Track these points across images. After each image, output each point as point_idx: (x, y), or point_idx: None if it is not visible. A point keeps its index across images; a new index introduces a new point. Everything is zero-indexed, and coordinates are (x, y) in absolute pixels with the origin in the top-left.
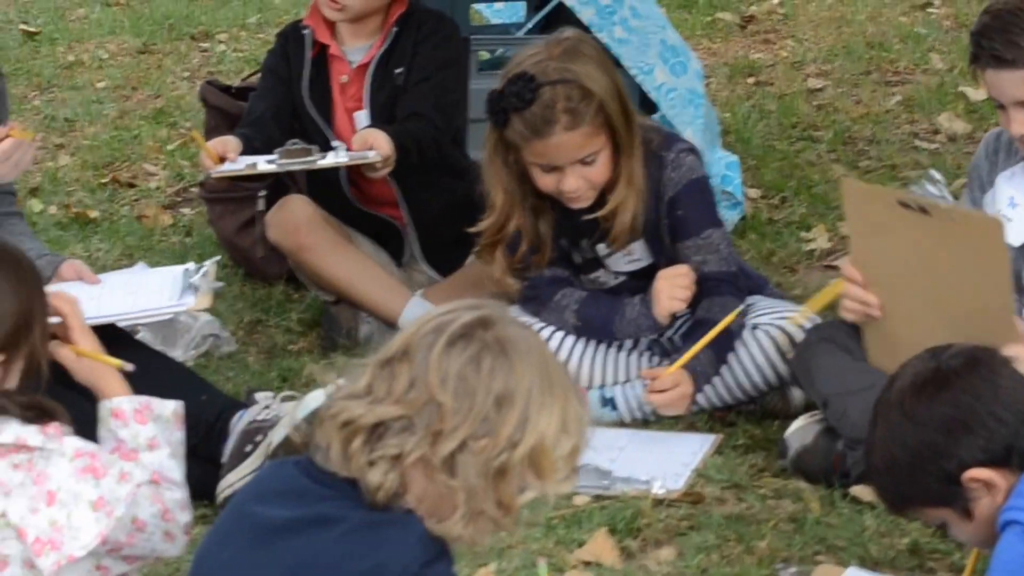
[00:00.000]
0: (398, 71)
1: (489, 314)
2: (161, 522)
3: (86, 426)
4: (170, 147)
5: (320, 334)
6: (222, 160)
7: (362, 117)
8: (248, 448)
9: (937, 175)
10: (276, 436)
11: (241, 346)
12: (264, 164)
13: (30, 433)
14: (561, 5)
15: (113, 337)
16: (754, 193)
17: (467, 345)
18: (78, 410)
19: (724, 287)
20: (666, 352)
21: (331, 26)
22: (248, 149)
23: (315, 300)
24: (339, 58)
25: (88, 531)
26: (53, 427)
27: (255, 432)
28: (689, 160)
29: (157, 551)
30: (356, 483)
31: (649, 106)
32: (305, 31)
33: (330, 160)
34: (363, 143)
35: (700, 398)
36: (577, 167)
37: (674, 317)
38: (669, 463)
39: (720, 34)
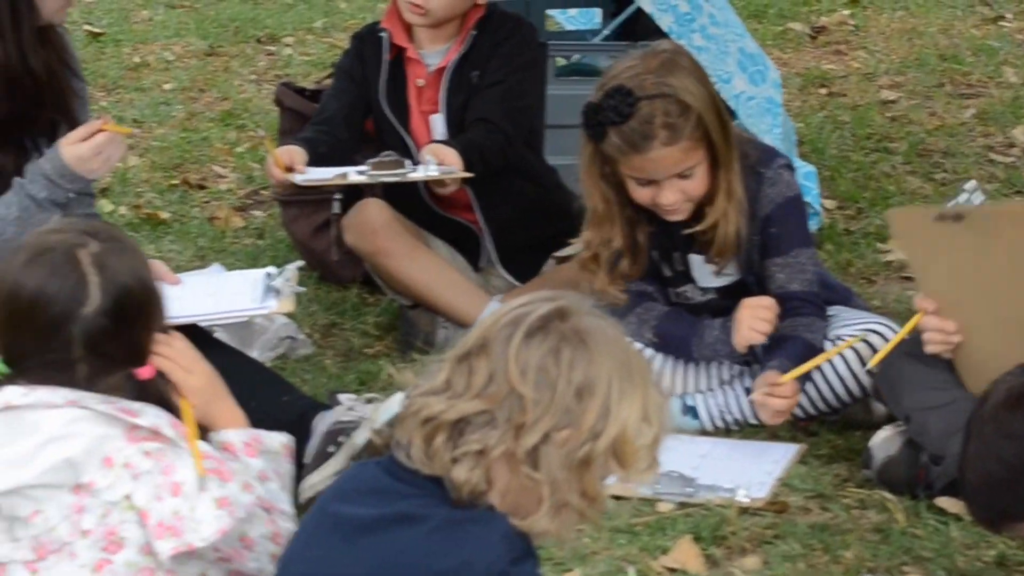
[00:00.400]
0: (474, 74)
1: (566, 305)
2: (271, 544)
3: None
4: (239, 149)
5: (397, 337)
6: (289, 169)
7: (438, 121)
8: (331, 449)
9: (972, 184)
10: (359, 437)
11: (317, 349)
12: (355, 175)
13: (165, 424)
14: (637, 12)
15: (193, 337)
16: (830, 204)
17: (546, 336)
18: None
19: (807, 308)
20: (747, 362)
21: (408, 29)
22: (313, 156)
23: (391, 303)
24: (416, 61)
25: (209, 525)
26: (184, 431)
27: (338, 433)
28: (787, 177)
29: (264, 572)
30: (439, 481)
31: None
32: (382, 34)
33: (420, 173)
34: (434, 158)
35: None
36: (674, 180)
37: (751, 347)
38: (753, 472)
39: (791, 44)
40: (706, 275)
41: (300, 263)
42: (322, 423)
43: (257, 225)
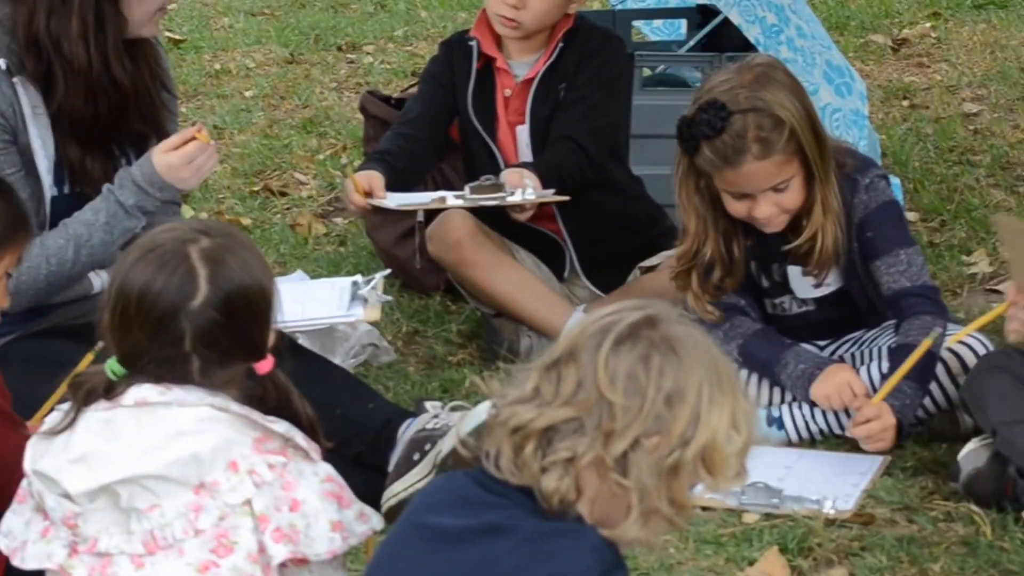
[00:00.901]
0: (561, 86)
1: (655, 313)
2: None
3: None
4: (320, 156)
5: (480, 345)
6: (367, 194)
7: (524, 132)
8: (416, 457)
9: None
10: (445, 445)
11: (400, 356)
12: (453, 199)
13: (299, 435)
14: (722, 23)
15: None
16: (913, 216)
17: (635, 344)
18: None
19: (921, 304)
20: None
21: (497, 39)
22: (391, 175)
23: (474, 311)
24: (505, 71)
25: (322, 544)
26: (315, 446)
27: (423, 441)
28: (882, 185)
29: None
30: (528, 491)
31: None
32: (471, 43)
33: (518, 198)
34: (514, 183)
35: None
36: (769, 194)
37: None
38: (839, 483)
39: (873, 56)
40: (805, 286)
41: (386, 272)
42: (407, 431)
43: (339, 232)
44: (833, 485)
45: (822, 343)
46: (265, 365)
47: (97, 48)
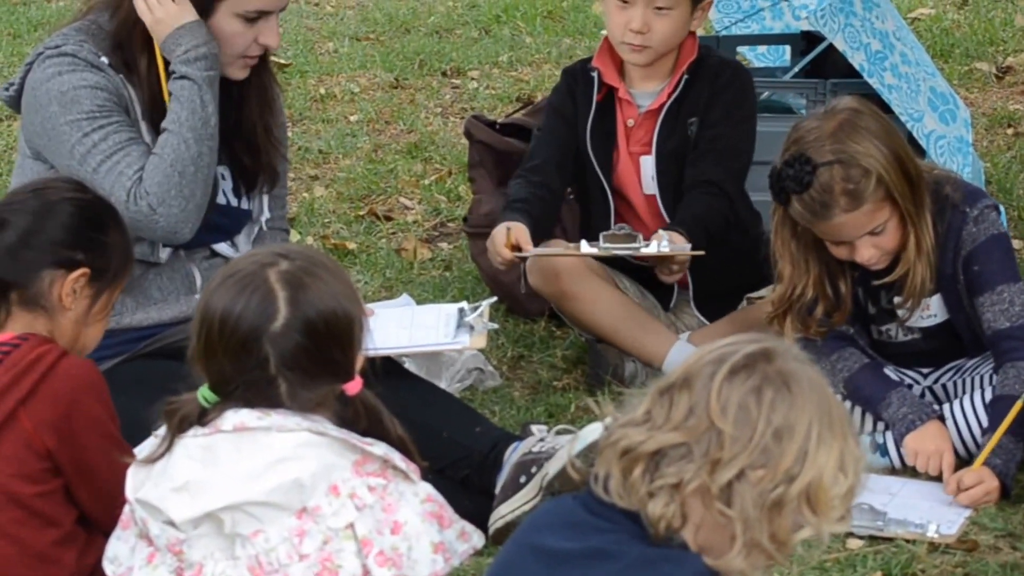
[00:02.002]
0: (691, 120)
1: (772, 347)
2: None
3: None
4: (426, 181)
5: (585, 371)
6: (516, 248)
7: (648, 162)
8: (522, 479)
9: None
10: (552, 468)
11: (505, 381)
12: (587, 247)
13: (397, 456)
14: (827, 50)
15: (386, 367)
16: (1018, 244)
17: (749, 376)
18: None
19: (1020, 350)
20: (938, 399)
21: (620, 68)
22: (533, 227)
23: (579, 336)
24: (627, 101)
25: (425, 567)
26: (414, 466)
27: (530, 464)
28: (992, 216)
29: None
30: (635, 515)
31: (918, 151)
32: (593, 72)
33: (652, 249)
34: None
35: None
36: (867, 238)
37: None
38: (943, 509)
39: (977, 84)
40: (913, 315)
41: (493, 299)
42: (513, 454)
43: (444, 257)
44: (937, 510)
45: (925, 370)
46: (354, 386)
47: None
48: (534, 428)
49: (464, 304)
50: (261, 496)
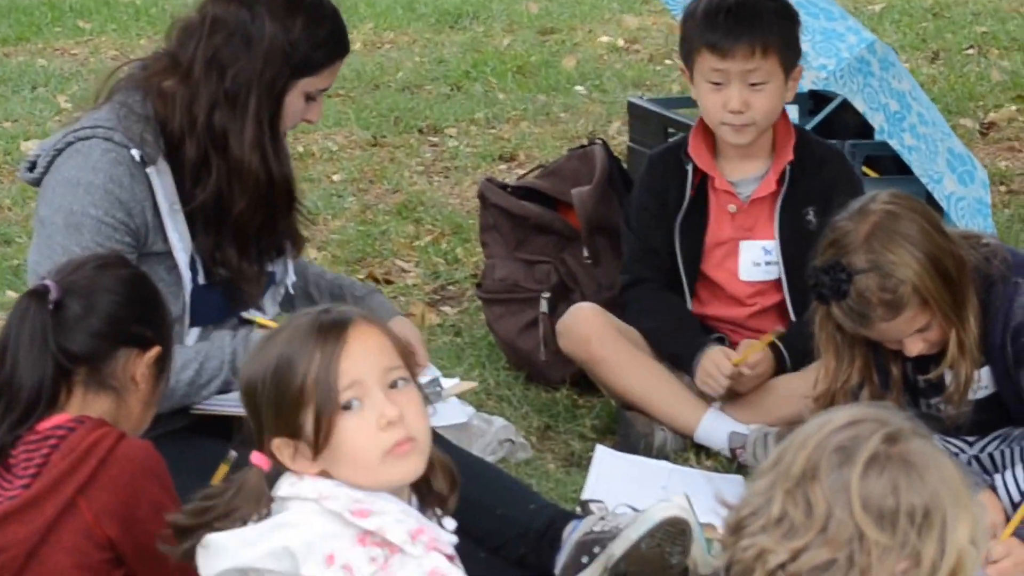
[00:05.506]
0: (806, 210)
1: (896, 429)
2: None
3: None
4: (419, 243)
5: (615, 440)
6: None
7: (750, 248)
8: (584, 559)
9: None
10: (618, 549)
11: (536, 452)
12: None
13: (391, 531)
14: (837, 108)
15: (444, 444)
16: None
17: (884, 468)
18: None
19: None
20: (984, 468)
21: (713, 153)
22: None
23: (606, 404)
24: (727, 192)
25: None
26: (429, 534)
27: (592, 543)
28: None
29: None
30: None
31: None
32: (688, 166)
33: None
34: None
35: None
36: (914, 336)
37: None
38: None
39: (962, 140)
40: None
41: (474, 384)
42: (574, 533)
43: (452, 322)
44: None
45: (971, 439)
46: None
47: (273, 155)
48: (593, 506)
49: (438, 375)
50: (253, 561)
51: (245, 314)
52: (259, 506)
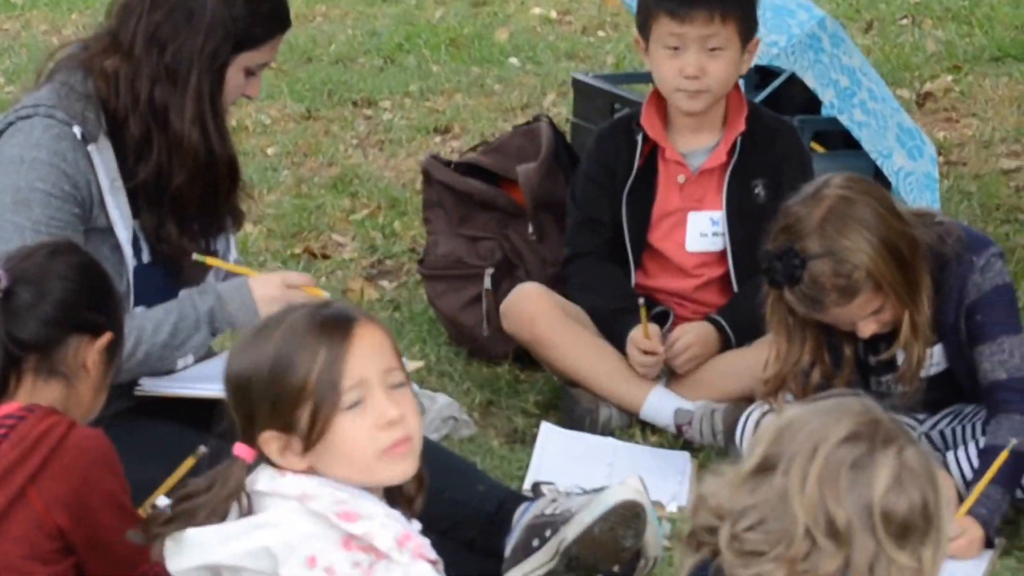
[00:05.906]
0: (755, 182)
1: (889, 432)
2: None
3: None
4: (355, 217)
5: (559, 416)
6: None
7: (698, 219)
8: (535, 543)
9: None
10: (570, 533)
11: (480, 429)
12: None
13: (379, 538)
14: (784, 83)
15: None
16: None
17: (900, 485)
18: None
19: (1014, 402)
20: (936, 446)
21: (664, 125)
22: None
23: (548, 380)
24: (676, 163)
25: None
26: (415, 541)
27: (543, 527)
28: (998, 265)
29: None
30: None
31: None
32: (637, 136)
33: None
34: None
35: None
36: (867, 319)
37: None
38: (954, 564)
39: None
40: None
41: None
42: (524, 515)
43: (391, 297)
44: (949, 567)
45: (921, 416)
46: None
47: (214, 129)
48: (545, 488)
49: None
50: (230, 559)
51: (196, 256)
52: (237, 501)
